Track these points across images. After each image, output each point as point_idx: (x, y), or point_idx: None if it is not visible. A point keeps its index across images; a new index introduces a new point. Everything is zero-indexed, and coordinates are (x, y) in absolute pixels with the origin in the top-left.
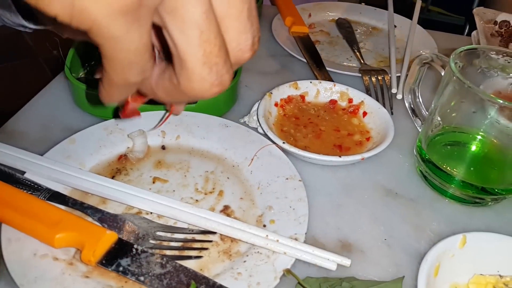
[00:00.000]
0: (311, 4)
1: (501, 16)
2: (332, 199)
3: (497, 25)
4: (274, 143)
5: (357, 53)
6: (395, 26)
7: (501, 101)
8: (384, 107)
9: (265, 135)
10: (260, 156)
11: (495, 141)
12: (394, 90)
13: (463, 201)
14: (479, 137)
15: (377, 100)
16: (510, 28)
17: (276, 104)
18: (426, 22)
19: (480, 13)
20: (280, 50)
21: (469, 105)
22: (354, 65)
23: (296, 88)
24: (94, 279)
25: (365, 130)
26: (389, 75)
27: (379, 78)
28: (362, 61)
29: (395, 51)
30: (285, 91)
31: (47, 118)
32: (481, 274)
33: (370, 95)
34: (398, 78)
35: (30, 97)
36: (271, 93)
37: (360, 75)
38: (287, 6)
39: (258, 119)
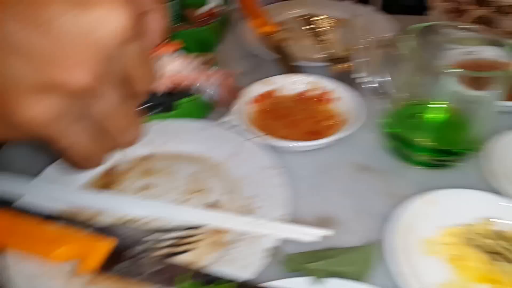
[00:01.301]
0: (274, 4)
1: None
2: (312, 181)
3: (452, 1)
4: (253, 137)
5: (324, 45)
6: (358, 16)
7: (459, 70)
8: (354, 91)
9: (245, 131)
10: (242, 151)
11: (454, 106)
12: (360, 74)
13: (431, 165)
14: (440, 105)
15: (346, 85)
16: (460, 4)
17: (251, 102)
18: (388, 7)
19: None
20: (249, 52)
21: (429, 78)
22: (322, 56)
23: (268, 85)
24: (97, 285)
25: (338, 114)
26: (355, 61)
27: (346, 65)
28: (329, 52)
29: (360, 39)
30: (257, 89)
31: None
32: (451, 227)
33: (339, 82)
34: (364, 63)
35: None
36: (246, 92)
37: (328, 64)
38: (251, 8)
39: (236, 118)
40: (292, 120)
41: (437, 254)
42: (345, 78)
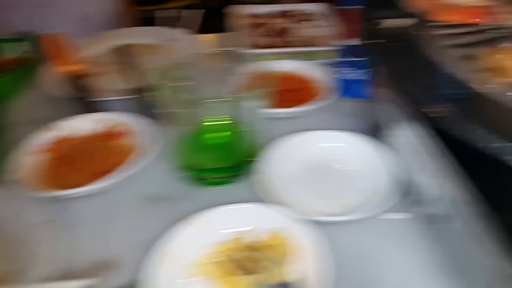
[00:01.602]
0: (84, 39)
1: (254, 9)
2: (97, 225)
3: (254, 17)
4: (33, 193)
5: (134, 75)
6: (175, 40)
7: (213, 100)
8: (151, 121)
9: (27, 188)
10: (15, 209)
11: (237, 121)
12: (158, 104)
13: (221, 183)
14: (219, 123)
15: (146, 116)
16: (261, 18)
17: (38, 151)
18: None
19: (234, 11)
20: (49, 95)
21: (199, 104)
22: (130, 88)
23: (57, 130)
24: None
25: (136, 149)
26: (155, 90)
27: (151, 95)
28: (137, 82)
29: (164, 66)
30: (46, 136)
31: None
32: (216, 245)
33: (141, 113)
34: (162, 91)
35: None
36: (32, 141)
37: (132, 96)
38: (56, 47)
39: (13, 174)
40: (80, 163)
41: (203, 275)
42: (146, 108)
